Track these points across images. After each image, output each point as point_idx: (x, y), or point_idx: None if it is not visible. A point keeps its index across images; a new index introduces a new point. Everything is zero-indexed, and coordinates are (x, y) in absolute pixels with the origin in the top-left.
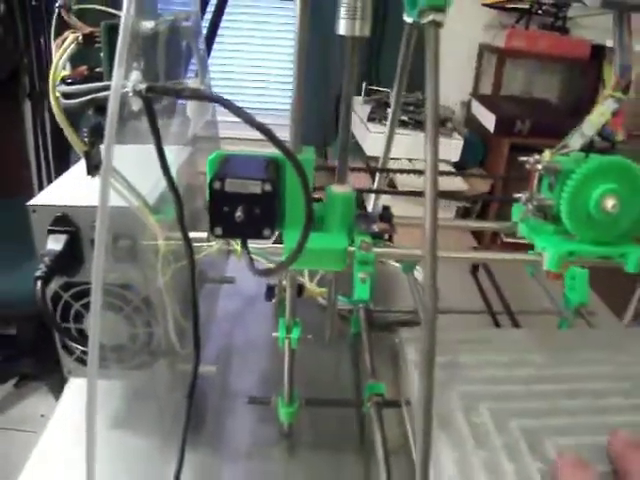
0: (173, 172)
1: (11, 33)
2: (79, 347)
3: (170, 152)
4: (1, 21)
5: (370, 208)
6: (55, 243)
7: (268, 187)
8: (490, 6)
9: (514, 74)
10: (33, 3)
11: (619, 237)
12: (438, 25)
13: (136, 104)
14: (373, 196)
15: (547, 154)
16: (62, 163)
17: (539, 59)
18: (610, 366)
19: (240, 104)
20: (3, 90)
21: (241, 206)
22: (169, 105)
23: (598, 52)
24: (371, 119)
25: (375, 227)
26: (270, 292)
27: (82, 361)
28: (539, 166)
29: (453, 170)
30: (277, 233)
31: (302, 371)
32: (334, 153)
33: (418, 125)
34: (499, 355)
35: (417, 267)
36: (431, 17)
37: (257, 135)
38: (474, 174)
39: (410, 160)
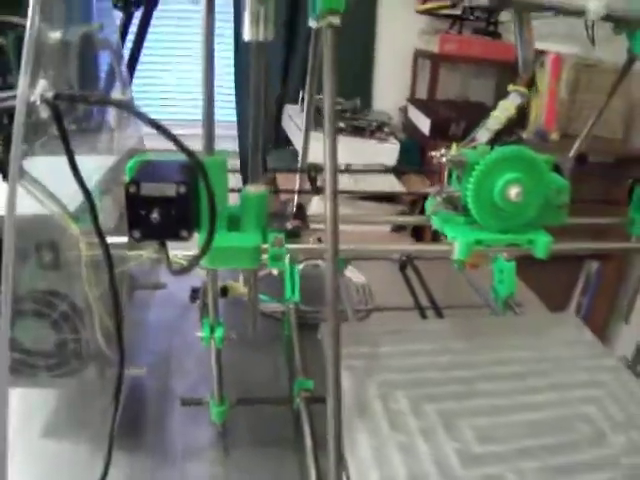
0: (94, 180)
1: None
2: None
3: (94, 161)
4: None
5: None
6: None
7: (182, 189)
8: (424, 13)
9: (449, 79)
10: None
11: (526, 225)
12: (334, 27)
13: (45, 112)
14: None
15: (454, 148)
16: None
17: (473, 63)
18: (530, 350)
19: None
20: None
21: (157, 209)
22: (92, 116)
23: None
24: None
25: (289, 224)
26: (195, 294)
27: (12, 371)
28: (444, 159)
29: (390, 174)
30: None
31: (236, 372)
32: (274, 162)
33: (355, 131)
34: (420, 344)
35: (349, 267)
36: (328, 20)
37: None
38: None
39: (347, 165)
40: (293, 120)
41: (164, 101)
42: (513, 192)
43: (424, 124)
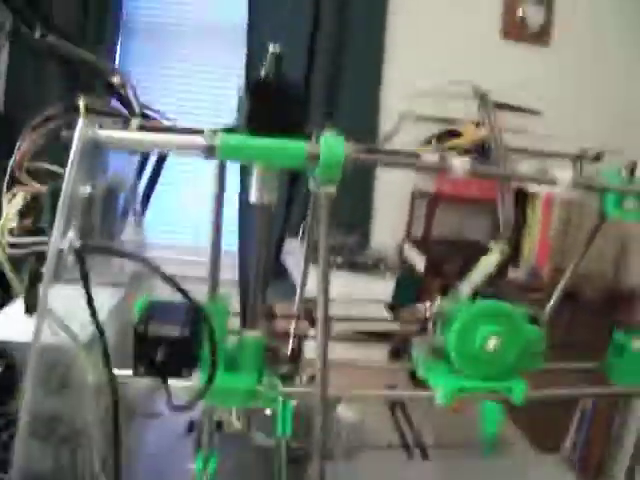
0: (106, 311)
1: None
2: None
3: (105, 292)
4: None
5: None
6: None
7: (186, 331)
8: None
9: (445, 217)
10: None
11: (505, 372)
12: (330, 196)
13: (71, 258)
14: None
15: (438, 300)
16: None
17: (469, 202)
18: None
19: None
20: None
21: (161, 348)
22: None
23: (521, 195)
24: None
25: (283, 369)
26: (190, 426)
27: None
28: (428, 313)
29: (386, 310)
30: None
31: None
32: (273, 294)
33: (352, 267)
34: None
35: (341, 404)
36: (325, 189)
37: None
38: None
39: (344, 302)
40: (293, 254)
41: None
42: (491, 343)
43: (419, 262)
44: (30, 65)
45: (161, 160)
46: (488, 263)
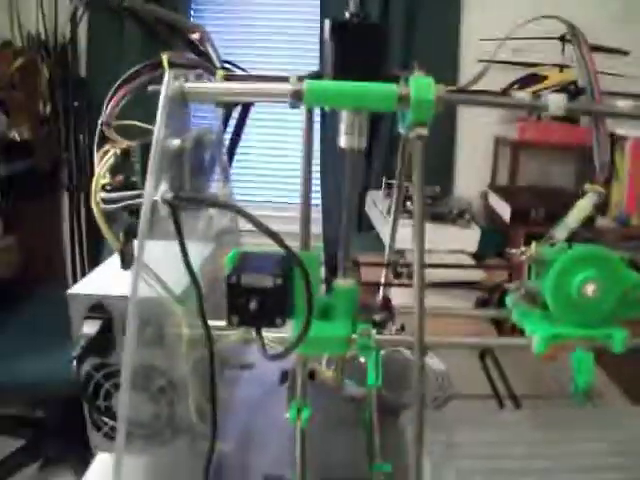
0: (197, 266)
1: (54, 131)
2: (107, 423)
3: (195, 248)
4: (47, 121)
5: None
6: (90, 328)
7: (279, 281)
8: None
9: (529, 165)
10: (75, 104)
11: (604, 320)
12: (422, 138)
13: (164, 210)
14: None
15: (533, 246)
16: (95, 253)
17: (553, 149)
18: (606, 443)
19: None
20: (44, 183)
21: (255, 298)
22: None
23: (610, 139)
24: (388, 212)
25: (376, 316)
26: (284, 377)
27: (109, 436)
28: (523, 257)
29: (471, 260)
30: None
31: (318, 452)
32: (357, 246)
33: (436, 218)
34: (497, 434)
35: (429, 353)
36: (417, 132)
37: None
38: (488, 265)
39: (429, 251)
40: (376, 205)
41: (260, 184)
42: (589, 289)
43: (504, 211)
44: (110, 29)
45: (244, 113)
46: (584, 206)
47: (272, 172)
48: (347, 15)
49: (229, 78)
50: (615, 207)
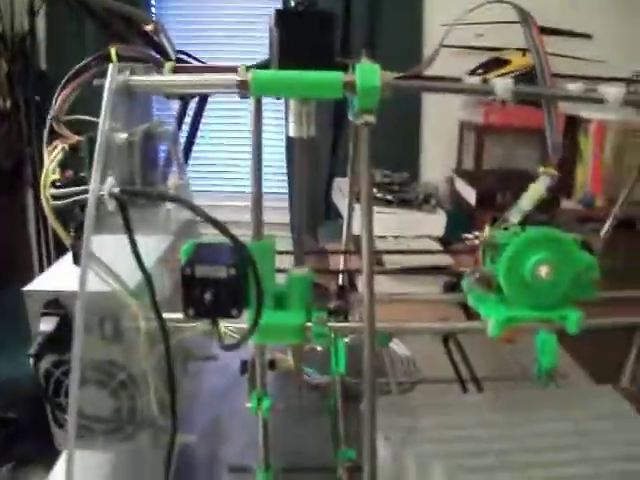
0: (154, 259)
1: (15, 127)
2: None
3: (153, 240)
4: (7, 116)
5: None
6: (47, 324)
7: (232, 271)
8: None
9: (494, 149)
10: (36, 98)
11: (558, 301)
12: (369, 125)
13: (112, 205)
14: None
15: (487, 230)
16: (62, 250)
17: (517, 133)
18: (566, 423)
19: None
20: (7, 180)
21: (209, 289)
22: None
23: (573, 122)
24: (357, 199)
25: (331, 304)
26: (244, 367)
27: None
28: (477, 241)
29: (438, 245)
30: None
31: (283, 441)
32: (325, 234)
33: (402, 204)
34: (458, 417)
35: (394, 340)
36: (364, 119)
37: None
38: (453, 250)
39: (396, 237)
40: (342, 192)
41: (218, 174)
42: (543, 271)
43: (470, 195)
44: (68, 20)
45: (201, 105)
46: (537, 189)
47: (239, 162)
48: (292, 3)
49: (177, 70)
50: (580, 189)
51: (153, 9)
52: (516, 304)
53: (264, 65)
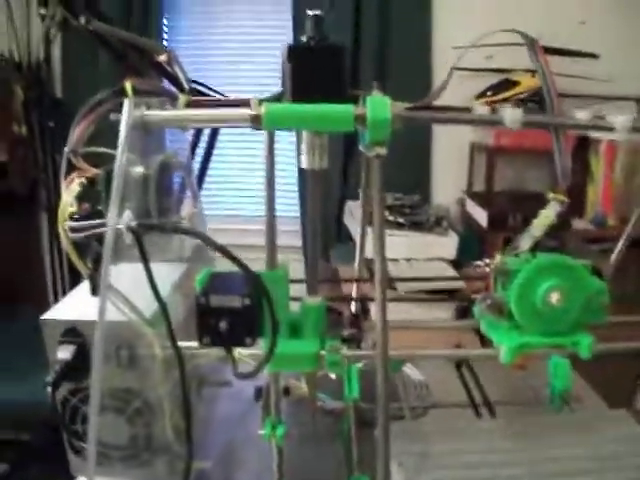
0: (170, 286)
1: (31, 152)
2: (85, 447)
3: (168, 268)
4: (22, 141)
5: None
6: (65, 352)
7: (247, 301)
8: None
9: (505, 170)
10: (50, 125)
11: (569, 327)
12: (380, 157)
13: (128, 237)
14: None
15: (498, 257)
16: (76, 273)
17: (528, 154)
18: (580, 448)
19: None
20: (22, 204)
21: (224, 318)
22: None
23: (583, 143)
24: (369, 222)
25: (344, 332)
26: (258, 393)
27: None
28: (487, 269)
29: (450, 268)
30: None
31: (298, 467)
32: (336, 256)
33: (414, 226)
34: (471, 443)
35: (408, 364)
36: (375, 151)
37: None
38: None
39: (408, 260)
40: (353, 215)
41: (232, 198)
42: (554, 297)
43: (482, 217)
44: (84, 49)
45: (214, 134)
46: (547, 215)
47: (254, 185)
48: (304, 38)
49: (192, 104)
50: (591, 209)
51: (165, 41)
52: (528, 330)
53: (277, 98)
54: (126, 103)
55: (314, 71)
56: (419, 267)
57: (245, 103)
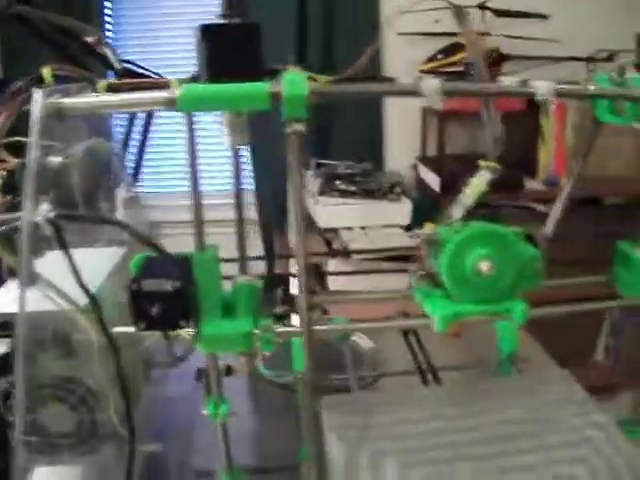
0: (106, 273)
1: None
2: (33, 438)
3: (103, 254)
4: None
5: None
6: (0, 346)
7: (178, 284)
8: (427, 72)
9: (457, 134)
10: None
11: (502, 294)
12: (298, 134)
13: (48, 229)
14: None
15: (428, 227)
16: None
17: (479, 116)
18: (520, 411)
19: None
20: None
21: (157, 303)
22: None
23: (534, 104)
24: (321, 192)
25: (277, 310)
26: (199, 374)
27: (39, 451)
28: (418, 239)
29: (404, 233)
30: None
31: (251, 443)
32: (290, 225)
33: (367, 194)
34: (413, 412)
35: (357, 333)
36: (293, 127)
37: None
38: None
39: (363, 228)
40: (306, 187)
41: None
42: (484, 266)
43: (434, 181)
44: (20, 38)
45: (149, 116)
46: (477, 184)
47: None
48: (217, 16)
49: (113, 88)
50: (543, 170)
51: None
52: (460, 299)
53: (194, 79)
54: (35, 93)
55: (229, 50)
56: (374, 234)
57: (166, 85)
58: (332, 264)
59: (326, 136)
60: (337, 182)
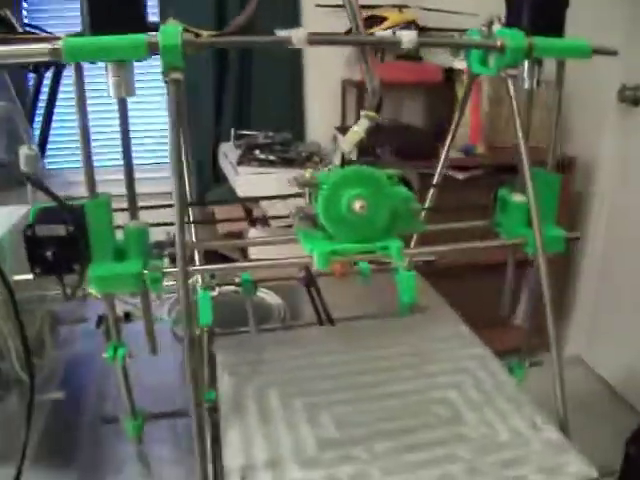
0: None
1: None
2: None
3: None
4: None
5: None
6: None
7: (71, 229)
8: None
9: None
10: None
11: (379, 233)
12: (177, 82)
13: None
14: None
15: (307, 172)
16: None
17: (399, 88)
18: (405, 346)
19: None
20: None
21: (51, 247)
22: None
23: (450, 74)
24: (240, 162)
25: (167, 252)
26: (99, 320)
27: None
28: (295, 183)
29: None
30: None
31: (156, 390)
32: (213, 195)
33: (285, 163)
34: (303, 348)
35: (263, 289)
36: (171, 76)
37: None
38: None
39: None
40: (227, 157)
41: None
42: (357, 205)
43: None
44: None
45: (56, 77)
46: (356, 131)
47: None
48: None
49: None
50: (459, 138)
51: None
52: (338, 239)
53: (81, 34)
54: None
55: (111, 4)
56: (293, 202)
57: (57, 39)
58: (252, 232)
59: (247, 108)
60: (256, 152)
